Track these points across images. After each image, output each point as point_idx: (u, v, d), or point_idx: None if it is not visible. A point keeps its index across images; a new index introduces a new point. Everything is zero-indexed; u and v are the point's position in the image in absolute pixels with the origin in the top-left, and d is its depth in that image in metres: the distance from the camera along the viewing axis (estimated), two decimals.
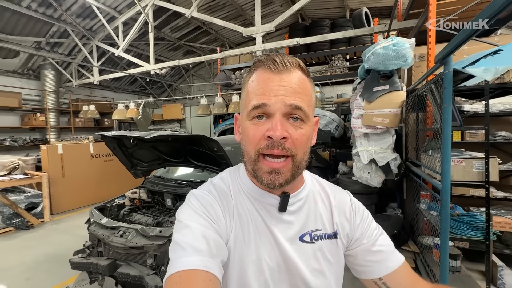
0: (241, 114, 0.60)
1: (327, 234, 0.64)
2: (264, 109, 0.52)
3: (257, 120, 0.53)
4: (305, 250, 0.60)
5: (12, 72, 7.13)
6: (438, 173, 1.92)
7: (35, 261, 2.74)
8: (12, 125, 7.14)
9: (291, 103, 0.51)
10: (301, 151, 0.54)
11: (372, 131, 2.87)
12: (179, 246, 0.50)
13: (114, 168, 5.19)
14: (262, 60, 0.55)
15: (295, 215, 0.62)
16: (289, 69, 0.53)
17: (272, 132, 0.50)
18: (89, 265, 1.87)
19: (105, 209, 2.31)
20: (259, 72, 0.55)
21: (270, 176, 0.53)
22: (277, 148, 0.51)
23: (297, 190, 0.63)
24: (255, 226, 0.59)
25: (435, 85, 1.96)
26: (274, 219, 0.60)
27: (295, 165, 0.54)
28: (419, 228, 2.76)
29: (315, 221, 0.64)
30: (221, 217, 0.57)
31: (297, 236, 0.61)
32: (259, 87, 0.53)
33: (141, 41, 7.87)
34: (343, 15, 7.76)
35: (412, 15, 3.78)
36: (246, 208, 0.60)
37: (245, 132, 0.56)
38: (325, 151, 5.72)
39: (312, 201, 0.65)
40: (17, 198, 3.73)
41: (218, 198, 0.60)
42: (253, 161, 0.54)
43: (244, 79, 0.60)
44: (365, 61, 2.87)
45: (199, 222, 0.54)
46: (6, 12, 5.52)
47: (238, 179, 0.64)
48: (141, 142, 2.20)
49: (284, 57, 0.54)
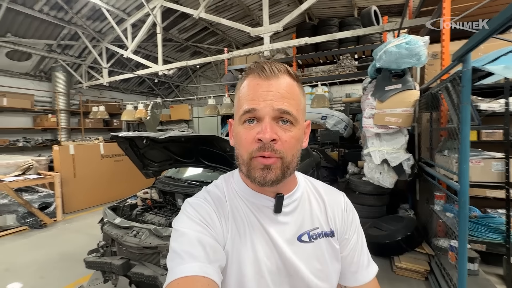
0: (234, 119, 0.62)
1: (324, 232, 0.65)
2: (254, 113, 0.54)
3: (248, 124, 0.55)
4: (305, 250, 0.61)
5: (24, 74, 7.30)
6: (455, 173, 1.87)
7: (49, 260, 2.79)
8: (24, 126, 7.31)
9: (278, 107, 0.54)
10: (290, 153, 0.56)
11: (384, 131, 2.82)
12: (177, 254, 0.51)
13: (124, 168, 5.25)
14: (251, 68, 0.58)
15: (291, 215, 0.63)
16: (277, 75, 0.56)
17: (262, 135, 0.52)
18: (103, 264, 1.89)
19: (117, 209, 2.33)
20: (249, 79, 0.57)
21: (262, 172, 0.54)
22: (267, 150, 0.53)
23: (291, 191, 0.64)
24: (251, 229, 0.59)
25: (452, 84, 1.92)
26: (270, 221, 0.61)
27: (284, 165, 0.55)
28: (433, 230, 2.71)
29: (311, 220, 0.65)
30: (216, 222, 0.58)
31: (295, 237, 0.61)
32: (249, 93, 0.56)
33: (149, 42, 7.95)
34: (351, 14, 7.67)
35: (424, 12, 3.70)
36: (242, 211, 0.61)
37: (237, 136, 0.58)
38: (333, 151, 5.67)
39: (306, 201, 0.66)
40: (31, 198, 3.80)
41: (213, 204, 0.61)
42: (246, 163, 0.56)
43: (236, 86, 0.62)
44: (377, 60, 2.83)
45: (195, 228, 0.54)
46: (20, 15, 5.65)
47: (233, 183, 0.66)
48: (153, 143, 2.22)
49: (273, 64, 0.57)
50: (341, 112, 6.19)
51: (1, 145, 6.55)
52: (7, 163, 4.01)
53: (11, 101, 6.56)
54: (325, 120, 5.79)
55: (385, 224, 2.86)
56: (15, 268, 2.64)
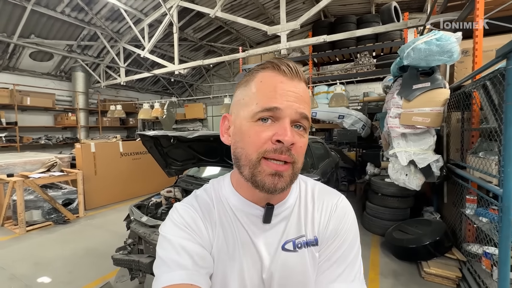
0: (236, 114, 0.55)
1: (307, 241, 0.60)
2: (274, 112, 0.50)
3: (262, 123, 0.51)
4: (288, 260, 0.57)
5: (46, 74, 7.55)
6: (495, 176, 1.78)
7: (75, 255, 2.86)
8: (46, 124, 7.57)
9: (301, 111, 0.51)
10: (301, 160, 0.53)
11: (410, 131, 2.72)
12: (163, 261, 0.50)
13: (142, 166, 5.34)
14: (274, 62, 0.53)
15: (279, 224, 0.59)
16: (299, 78, 0.53)
17: (282, 137, 0.48)
18: (131, 262, 1.91)
19: (142, 207, 2.36)
20: (268, 73, 0.53)
21: (273, 179, 0.50)
22: (284, 153, 0.49)
23: (283, 199, 0.60)
24: (238, 239, 0.57)
25: (492, 81, 1.82)
26: (258, 231, 0.58)
27: (294, 172, 0.52)
28: (462, 235, 2.60)
29: (298, 227, 0.60)
30: (202, 229, 0.56)
31: (280, 245, 0.58)
32: (270, 90, 0.51)
33: (164, 42, 8.04)
34: (368, 11, 7.50)
35: (451, 7, 3.55)
36: (230, 220, 0.59)
37: (245, 134, 0.52)
38: (351, 151, 5.56)
39: (297, 208, 0.62)
40: (55, 194, 3.92)
41: (199, 211, 0.59)
42: (253, 165, 0.51)
43: (246, 78, 0.56)
44: (404, 58, 2.73)
45: (181, 235, 0.53)
46: (43, 17, 5.84)
47: (222, 190, 0.62)
48: (179, 142, 2.22)
49: (296, 65, 0.54)
50: (358, 111, 6.06)
51: (25, 142, 6.80)
52: (33, 160, 4.15)
53: (34, 100, 6.80)
54: (342, 119, 5.69)
55: (411, 228, 2.76)
56: (43, 262, 2.73)
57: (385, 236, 2.94)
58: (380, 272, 2.46)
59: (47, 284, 2.35)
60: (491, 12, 2.71)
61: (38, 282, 2.38)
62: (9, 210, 3.78)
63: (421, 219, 2.96)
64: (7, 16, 5.49)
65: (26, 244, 3.19)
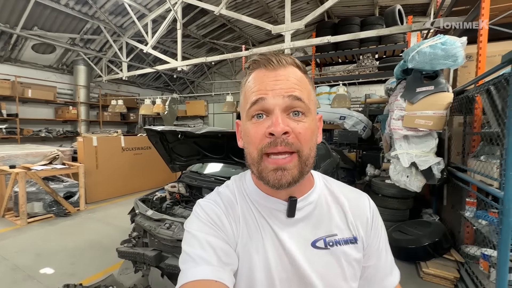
0: (241, 117, 0.57)
1: (344, 239, 0.59)
2: (261, 104, 0.50)
3: (256, 119, 0.51)
4: (319, 257, 0.57)
5: (48, 67, 7.51)
6: (496, 180, 1.82)
7: (77, 247, 2.88)
8: (47, 117, 7.54)
9: (289, 94, 0.49)
10: (307, 146, 0.51)
11: (413, 133, 2.76)
12: (189, 257, 0.50)
13: (143, 161, 5.35)
14: (256, 60, 0.54)
15: (306, 219, 0.59)
16: (284, 65, 0.52)
17: (273, 128, 0.48)
18: (135, 255, 1.93)
19: (146, 201, 2.38)
20: (254, 72, 0.54)
21: (276, 174, 0.50)
22: (280, 144, 0.48)
23: (306, 193, 0.60)
24: (262, 234, 0.56)
25: (495, 87, 1.85)
26: (283, 225, 0.57)
27: (302, 161, 0.51)
28: (461, 236, 2.64)
29: (329, 225, 0.60)
30: (227, 225, 0.56)
31: (309, 243, 0.57)
32: (255, 85, 0.52)
33: (167, 38, 8.03)
34: (372, 13, 7.53)
35: (455, 12, 3.58)
36: (253, 215, 0.58)
37: (246, 134, 0.53)
38: (351, 152, 5.60)
39: (324, 204, 0.61)
40: (56, 187, 3.93)
41: (223, 207, 0.59)
42: (256, 162, 0.51)
43: (241, 83, 0.58)
44: (409, 61, 2.76)
45: (206, 231, 0.53)
46: (47, 9, 5.81)
47: (244, 185, 0.63)
48: (186, 138, 2.24)
49: (279, 55, 0.53)
50: (359, 112, 6.10)
51: (25, 135, 6.78)
52: (35, 152, 4.15)
53: (35, 92, 6.78)
54: (343, 120, 5.72)
55: (411, 229, 2.80)
56: (45, 253, 2.74)
57: None
58: None
59: (50, 275, 2.37)
60: (496, 18, 2.75)
61: (41, 273, 2.40)
62: (11, 202, 3.79)
63: (420, 220, 3.01)
64: (11, 6, 5.46)
65: (28, 235, 3.20)
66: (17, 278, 2.30)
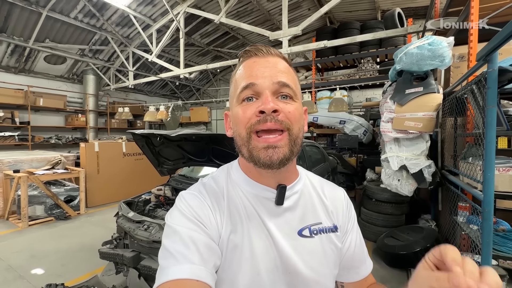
0: (230, 106, 0.59)
1: (327, 228, 0.61)
2: (252, 88, 0.52)
3: (246, 102, 0.53)
4: (305, 245, 0.58)
5: (59, 76, 7.89)
6: (479, 182, 1.74)
7: (70, 249, 2.96)
8: (57, 125, 7.88)
9: (278, 80, 0.52)
10: (296, 125, 0.53)
11: (403, 135, 2.70)
12: (170, 253, 0.48)
13: (143, 166, 5.46)
14: (247, 50, 0.57)
15: (292, 208, 0.59)
16: (272, 54, 0.56)
17: (263, 106, 0.50)
18: (115, 256, 1.97)
19: (132, 203, 2.42)
20: (245, 62, 0.56)
21: (267, 152, 0.50)
22: (270, 121, 0.49)
23: (292, 182, 0.61)
24: (249, 223, 0.56)
25: (477, 86, 1.79)
26: (270, 214, 0.57)
27: (292, 140, 0.52)
28: (456, 243, 2.52)
29: (313, 214, 0.61)
30: (211, 218, 0.55)
31: (296, 231, 0.58)
32: (245, 72, 0.54)
33: (172, 47, 8.27)
34: (374, 17, 7.48)
35: (451, 13, 3.51)
36: (240, 204, 0.57)
37: (235, 117, 0.54)
38: (352, 157, 5.50)
39: (307, 195, 0.63)
40: (58, 191, 4.07)
41: (207, 198, 0.57)
42: (246, 142, 0.52)
43: (232, 74, 0.60)
44: (397, 62, 2.73)
45: (188, 226, 0.51)
46: (57, 23, 6.14)
47: (232, 175, 0.62)
48: (167, 141, 2.29)
49: (268, 46, 0.57)
50: (360, 117, 6.02)
51: (36, 141, 7.09)
52: (39, 157, 4.33)
53: (47, 101, 7.11)
54: (343, 125, 5.65)
55: (403, 234, 2.71)
56: (40, 255, 2.83)
57: (376, 243, 2.89)
58: None
59: (40, 275, 2.44)
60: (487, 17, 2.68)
61: (32, 273, 2.48)
62: (14, 205, 3.95)
63: (414, 226, 2.90)
64: (24, 21, 5.81)
65: (26, 237, 3.32)
66: (8, 278, 2.38)
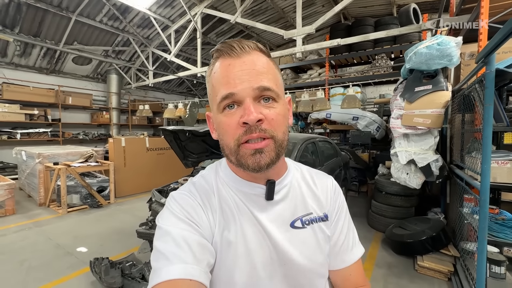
0: (212, 110, 0.57)
1: (318, 217, 0.63)
2: (232, 98, 0.50)
3: (228, 110, 0.51)
4: (298, 236, 0.59)
5: (85, 76, 8.43)
6: (478, 173, 1.89)
7: (106, 232, 3.33)
8: (84, 122, 8.45)
9: (258, 85, 0.50)
10: (280, 131, 0.52)
11: (412, 131, 2.83)
12: (161, 254, 0.48)
13: (165, 160, 5.84)
14: (219, 49, 0.53)
15: (283, 202, 0.60)
16: (248, 52, 0.52)
17: (246, 117, 0.48)
18: (151, 235, 2.27)
19: (162, 191, 2.73)
20: (219, 61, 0.53)
21: (254, 158, 0.50)
22: (255, 131, 0.49)
23: (281, 176, 0.62)
24: (242, 219, 0.56)
25: (479, 85, 1.93)
26: (262, 209, 0.58)
27: (278, 145, 0.52)
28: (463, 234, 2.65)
29: (304, 205, 0.62)
30: (203, 217, 0.54)
31: (288, 223, 0.59)
32: (222, 76, 0.51)
33: (189, 46, 8.59)
34: (390, 13, 7.44)
35: (465, 10, 3.56)
36: (232, 202, 0.58)
37: (220, 126, 0.53)
38: (364, 152, 5.61)
39: (297, 186, 0.64)
40: (91, 182, 4.49)
41: (198, 197, 0.57)
42: (234, 152, 0.51)
43: (207, 72, 0.57)
44: (407, 61, 2.86)
45: (180, 226, 0.51)
46: (84, 26, 6.59)
47: (221, 173, 0.62)
48: (193, 136, 2.56)
49: (241, 41, 0.53)
50: (374, 113, 6.08)
51: (66, 137, 7.67)
52: (74, 151, 4.77)
53: (75, 99, 7.66)
54: (356, 121, 5.76)
55: (411, 225, 2.87)
56: (81, 236, 3.22)
57: (385, 232, 3.06)
58: (375, 263, 2.61)
59: (84, 252, 2.81)
60: (497, 16, 2.74)
61: (77, 250, 2.85)
62: (54, 194, 4.40)
63: (422, 217, 3.04)
64: (56, 26, 6.29)
65: (67, 222, 3.74)
66: (59, 254, 2.77)
